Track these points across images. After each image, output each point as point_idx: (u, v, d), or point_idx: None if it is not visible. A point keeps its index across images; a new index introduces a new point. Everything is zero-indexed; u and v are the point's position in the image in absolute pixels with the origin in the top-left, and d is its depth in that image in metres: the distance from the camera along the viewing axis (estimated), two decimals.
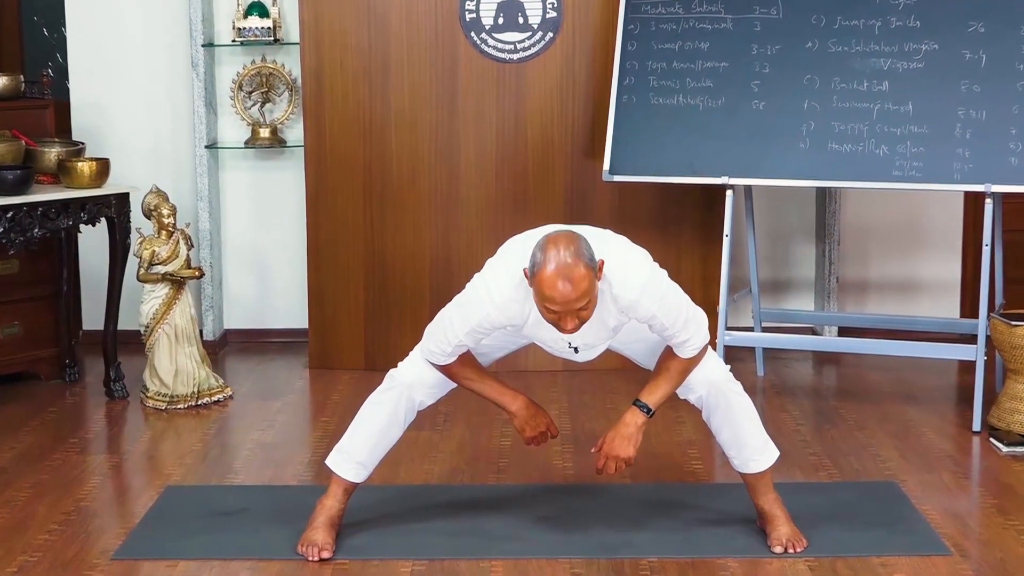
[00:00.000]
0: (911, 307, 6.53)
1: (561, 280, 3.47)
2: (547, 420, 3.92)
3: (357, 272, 6.11)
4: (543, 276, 3.48)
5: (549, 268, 3.48)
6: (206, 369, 5.59)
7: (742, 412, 3.92)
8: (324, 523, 3.93)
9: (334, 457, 3.98)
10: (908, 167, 5.16)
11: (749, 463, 3.95)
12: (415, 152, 6.01)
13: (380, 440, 3.95)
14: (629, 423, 3.79)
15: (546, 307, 3.53)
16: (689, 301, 3.73)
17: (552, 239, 3.53)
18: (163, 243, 5.53)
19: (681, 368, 3.79)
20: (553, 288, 3.47)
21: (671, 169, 5.45)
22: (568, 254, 3.48)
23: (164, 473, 4.69)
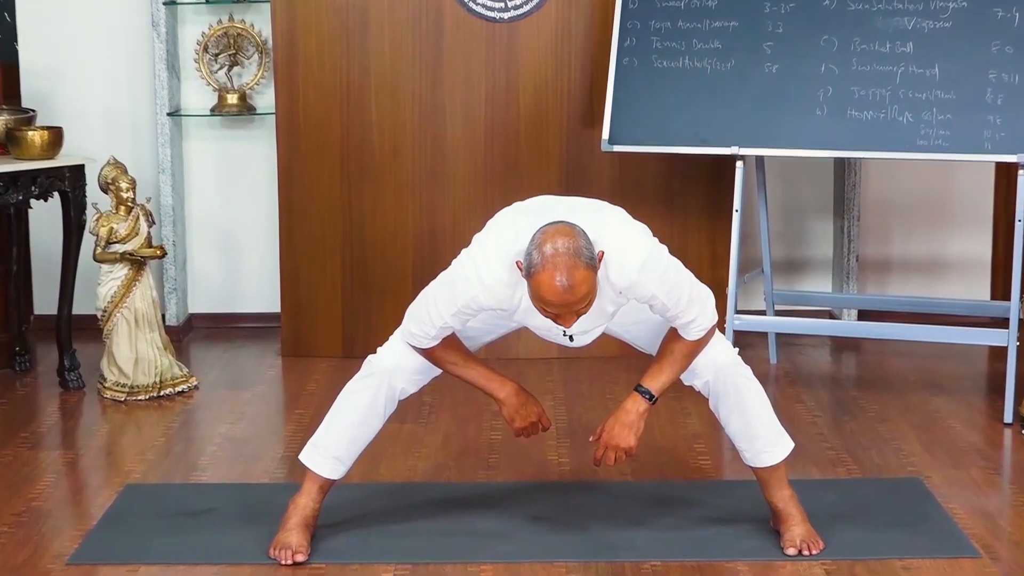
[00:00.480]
0: (937, 288, 6.54)
1: (560, 285, 3.47)
2: (539, 410, 3.93)
3: (334, 251, 6.10)
4: (540, 279, 3.48)
5: (547, 271, 3.47)
6: (169, 357, 5.59)
7: (753, 400, 3.92)
8: (298, 524, 3.93)
9: (308, 452, 3.99)
10: (934, 136, 5.16)
11: (761, 456, 3.95)
12: (397, 120, 6.01)
13: (359, 433, 3.95)
14: (630, 410, 3.80)
15: (543, 309, 3.54)
16: (693, 278, 3.73)
17: (549, 236, 3.50)
18: (121, 219, 5.52)
19: (686, 351, 3.79)
20: (552, 292, 3.47)
21: (676, 138, 5.45)
22: (567, 255, 3.47)
23: (123, 470, 4.69)
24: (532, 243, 3.52)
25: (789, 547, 3.91)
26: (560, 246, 3.47)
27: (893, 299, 6.13)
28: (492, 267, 3.63)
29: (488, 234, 3.72)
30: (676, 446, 4.89)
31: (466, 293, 3.66)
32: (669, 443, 4.90)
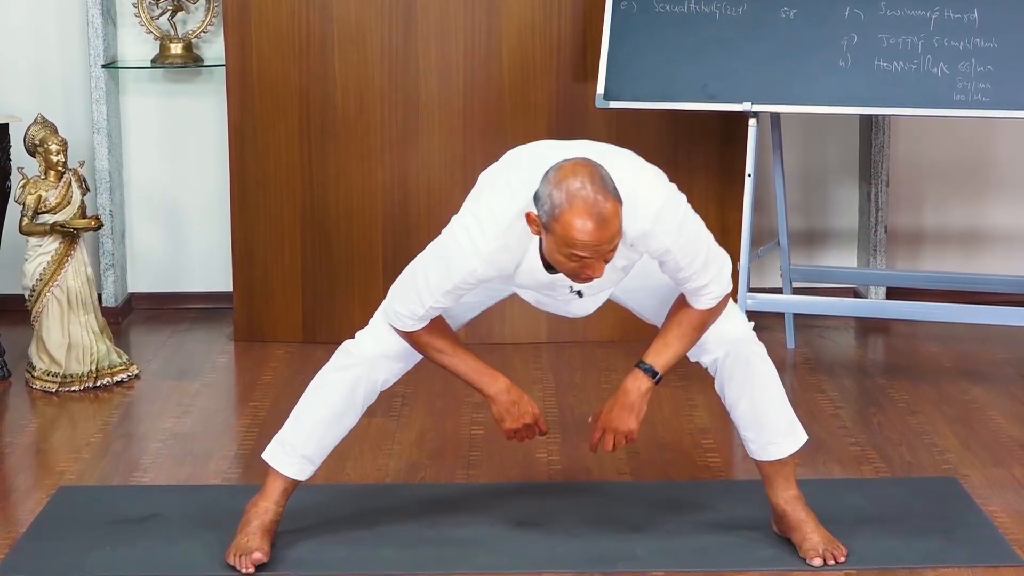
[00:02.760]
0: (976, 263, 6.56)
1: (593, 221, 3.45)
2: (534, 411, 3.90)
3: (293, 224, 6.11)
4: (568, 219, 3.46)
5: (576, 208, 3.45)
6: (106, 342, 5.60)
7: (765, 382, 3.93)
8: (258, 529, 3.94)
9: (274, 450, 3.99)
10: (973, 90, 5.17)
11: (768, 448, 3.96)
12: (363, 75, 6.01)
13: (331, 429, 3.97)
14: (631, 390, 3.80)
15: (570, 255, 3.50)
16: (711, 238, 3.74)
17: (568, 172, 3.50)
18: (51, 186, 5.52)
19: (696, 323, 3.78)
20: (584, 232, 3.45)
21: (680, 93, 5.45)
22: (594, 187, 3.47)
23: (56, 471, 4.70)
24: (547, 185, 3.50)
25: (813, 558, 3.91)
26: (585, 179, 3.47)
27: (926, 275, 6.15)
28: (489, 234, 3.61)
29: (480, 197, 3.69)
30: (681, 442, 4.91)
31: (462, 267, 3.64)
32: (673, 438, 4.92)
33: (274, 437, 4.02)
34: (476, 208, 3.68)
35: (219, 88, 6.33)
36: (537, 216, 3.52)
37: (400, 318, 3.83)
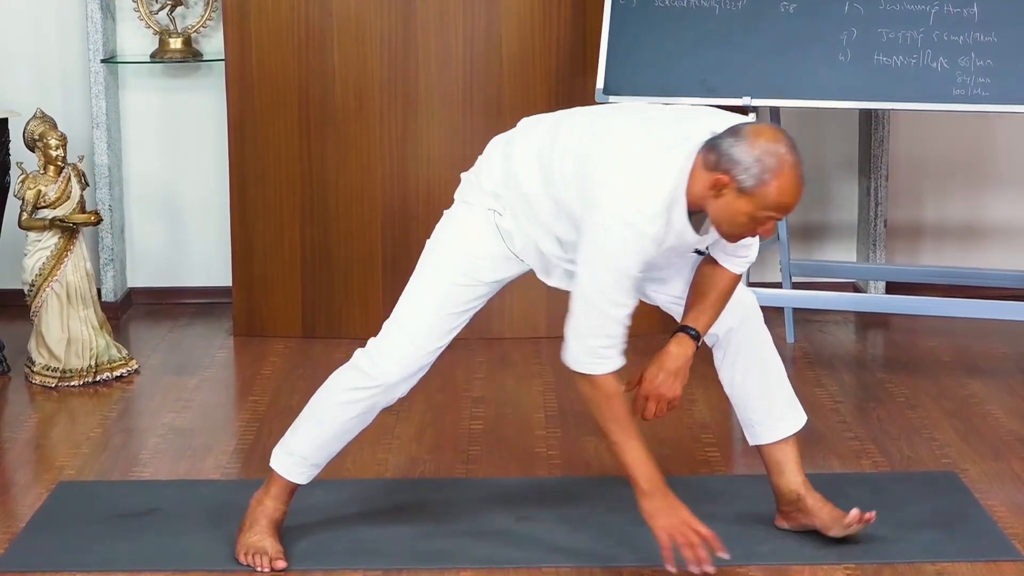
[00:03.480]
0: (975, 257, 6.56)
1: (799, 185, 3.56)
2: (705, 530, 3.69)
3: (292, 218, 6.11)
4: (781, 184, 3.53)
5: (786, 174, 3.54)
6: (106, 337, 5.60)
7: (773, 353, 3.98)
8: (268, 527, 3.94)
9: (282, 459, 3.96)
10: (972, 84, 5.17)
11: (779, 425, 3.99)
12: (363, 69, 6.00)
13: (343, 441, 3.97)
14: (677, 355, 3.78)
15: (767, 217, 3.56)
16: None
17: (767, 135, 3.56)
18: (51, 181, 5.52)
19: (726, 289, 3.82)
20: (792, 195, 3.56)
21: (680, 88, 5.45)
22: (794, 152, 3.57)
23: (55, 466, 4.70)
24: (747, 149, 3.52)
25: (851, 524, 3.94)
26: (783, 143, 3.56)
27: (925, 270, 6.14)
28: (650, 213, 3.57)
29: (621, 185, 3.58)
30: (681, 437, 4.91)
31: (636, 257, 3.58)
32: (673, 433, 4.92)
33: (281, 443, 3.98)
34: (626, 199, 3.58)
35: (218, 83, 6.32)
36: (730, 179, 3.53)
37: (599, 359, 3.67)
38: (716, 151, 3.56)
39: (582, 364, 3.67)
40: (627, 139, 3.68)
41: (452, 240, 3.86)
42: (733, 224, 3.60)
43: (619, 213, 3.57)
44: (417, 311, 3.86)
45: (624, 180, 3.60)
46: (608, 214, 3.59)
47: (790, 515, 4.06)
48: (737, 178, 3.53)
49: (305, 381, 5.54)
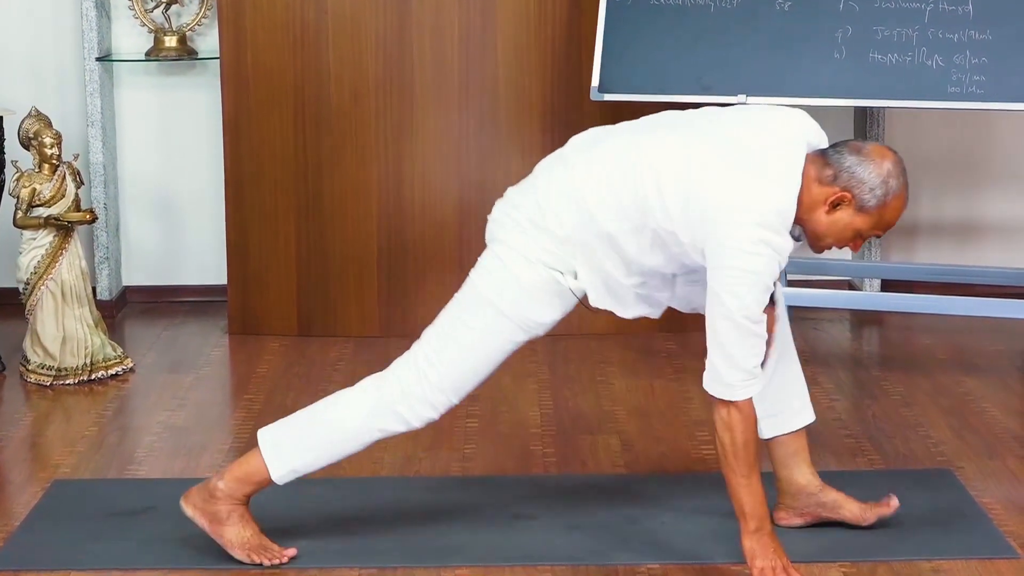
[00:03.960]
0: (971, 255, 6.56)
1: (906, 203, 3.73)
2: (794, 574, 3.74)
3: (287, 216, 6.11)
4: (898, 206, 3.68)
5: (903, 196, 3.69)
6: (101, 336, 5.60)
7: (793, 346, 4.09)
8: (250, 523, 3.93)
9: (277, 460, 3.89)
10: (968, 82, 5.18)
11: (803, 413, 4.05)
12: (358, 67, 6.00)
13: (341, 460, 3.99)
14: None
15: (874, 233, 3.72)
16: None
17: (890, 157, 3.68)
18: (46, 180, 5.52)
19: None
20: (901, 212, 3.72)
21: (675, 85, 5.46)
22: (904, 171, 3.70)
23: (51, 464, 4.70)
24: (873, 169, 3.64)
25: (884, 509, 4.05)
26: (900, 166, 3.70)
27: (921, 267, 6.15)
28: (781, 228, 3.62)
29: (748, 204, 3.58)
30: (676, 435, 4.91)
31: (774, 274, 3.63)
32: (669, 431, 4.93)
33: (280, 451, 3.89)
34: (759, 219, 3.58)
35: (213, 81, 6.32)
36: (852, 197, 3.64)
37: (753, 379, 3.67)
38: (834, 167, 3.66)
39: (740, 391, 3.66)
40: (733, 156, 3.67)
41: (513, 303, 3.78)
42: (840, 238, 3.72)
43: (754, 234, 3.58)
44: (467, 370, 3.83)
45: (749, 199, 3.60)
46: (743, 237, 3.59)
47: (801, 510, 4.07)
48: (860, 197, 3.65)
49: (300, 379, 5.54)
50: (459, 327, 3.81)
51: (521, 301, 3.77)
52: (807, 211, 3.66)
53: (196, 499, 3.93)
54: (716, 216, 3.60)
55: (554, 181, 3.78)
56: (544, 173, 3.83)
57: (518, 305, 3.77)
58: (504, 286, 3.77)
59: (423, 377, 3.82)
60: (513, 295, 3.76)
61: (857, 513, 4.06)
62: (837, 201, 3.65)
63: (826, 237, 3.71)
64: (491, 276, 3.79)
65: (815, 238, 3.73)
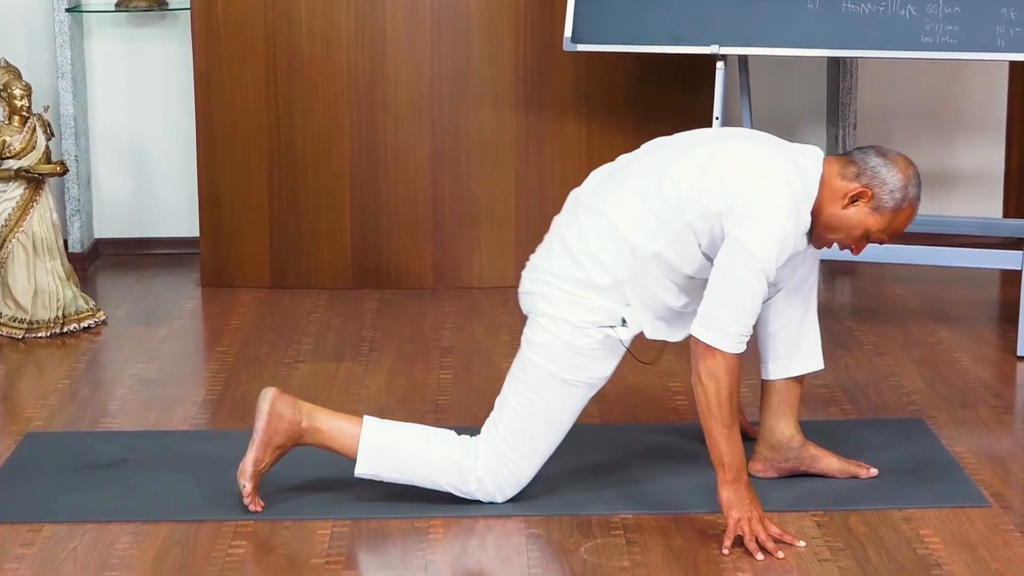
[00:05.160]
0: (943, 205, 6.57)
1: (916, 212, 3.87)
2: (774, 530, 3.72)
3: (259, 167, 6.09)
4: (909, 214, 3.83)
5: (916, 205, 3.84)
6: (73, 288, 5.58)
7: (815, 292, 4.15)
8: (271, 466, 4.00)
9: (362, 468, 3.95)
10: (940, 32, 5.17)
11: (805, 363, 4.09)
12: (330, 17, 5.97)
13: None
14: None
15: (882, 237, 3.83)
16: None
17: (911, 167, 3.85)
18: (15, 132, 5.49)
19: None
20: (910, 221, 3.86)
21: (648, 36, 5.44)
22: (920, 183, 3.87)
23: (23, 417, 4.69)
24: (897, 174, 3.78)
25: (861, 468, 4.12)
26: (918, 175, 3.86)
27: None
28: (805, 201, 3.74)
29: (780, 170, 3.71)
30: (650, 385, 4.91)
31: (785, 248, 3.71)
32: (642, 382, 4.93)
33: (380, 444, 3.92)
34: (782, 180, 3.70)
35: (184, 32, 6.29)
36: (872, 195, 3.76)
37: (745, 337, 3.71)
38: (859, 164, 3.78)
39: (734, 343, 3.70)
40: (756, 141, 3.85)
41: (575, 369, 3.84)
42: (849, 234, 3.81)
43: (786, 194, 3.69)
44: (548, 441, 3.91)
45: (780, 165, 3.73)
46: (777, 193, 3.69)
47: (779, 464, 4.09)
48: (880, 196, 3.76)
49: (273, 331, 5.53)
50: (530, 406, 3.87)
51: (581, 365, 3.84)
52: (825, 202, 3.77)
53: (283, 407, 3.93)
54: (751, 177, 3.71)
55: (585, 231, 3.84)
56: (569, 229, 3.88)
57: (580, 370, 3.85)
58: (563, 356, 3.84)
59: (507, 460, 3.89)
60: (573, 362, 3.84)
61: (835, 467, 4.08)
62: (856, 196, 3.76)
63: (836, 231, 3.80)
64: (547, 350, 3.85)
65: (825, 230, 3.81)
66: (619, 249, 3.79)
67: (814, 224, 3.80)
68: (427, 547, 3.76)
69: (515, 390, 3.89)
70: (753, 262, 3.65)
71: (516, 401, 3.88)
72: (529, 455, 3.89)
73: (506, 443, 3.88)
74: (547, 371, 3.85)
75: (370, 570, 3.67)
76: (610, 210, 3.81)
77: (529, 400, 3.87)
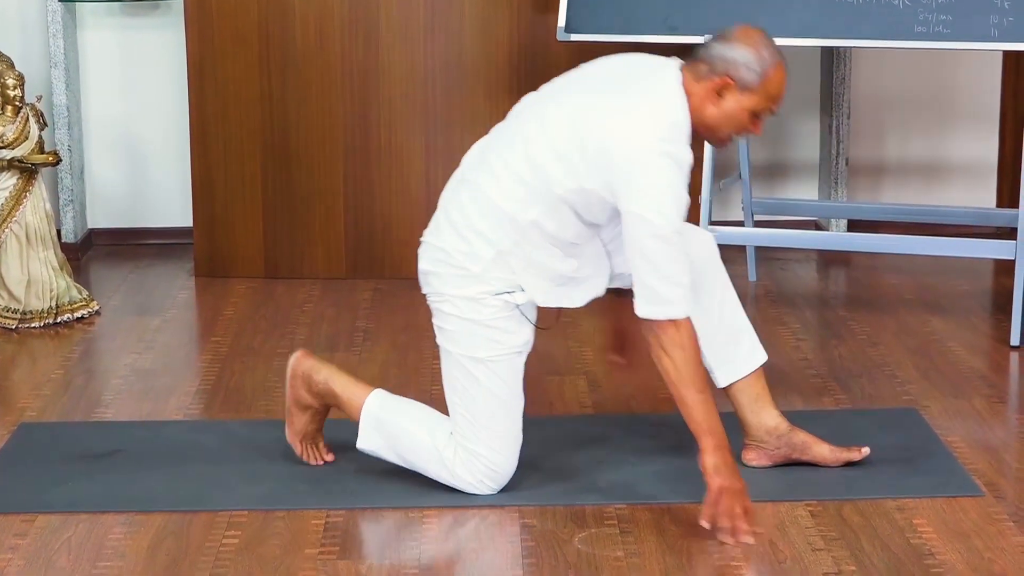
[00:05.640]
0: (936, 195, 6.58)
1: (786, 72, 3.78)
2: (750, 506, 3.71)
3: (253, 157, 6.08)
4: (779, 75, 3.76)
5: (779, 63, 3.76)
6: (66, 278, 5.57)
7: (732, 291, 4.07)
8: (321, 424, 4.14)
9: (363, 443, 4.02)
10: (934, 21, 5.17)
11: (755, 352, 4.06)
12: (324, 7, 5.97)
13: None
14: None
15: (767, 109, 3.76)
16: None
17: (752, 32, 3.76)
18: (9, 121, 5.48)
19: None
20: (785, 84, 3.78)
21: (642, 25, 5.44)
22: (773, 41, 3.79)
23: (17, 408, 4.69)
24: (742, 48, 3.72)
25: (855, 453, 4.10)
26: (767, 35, 3.78)
27: (887, 207, 6.16)
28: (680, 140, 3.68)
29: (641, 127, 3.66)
30: (644, 375, 4.91)
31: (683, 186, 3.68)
32: (635, 371, 4.92)
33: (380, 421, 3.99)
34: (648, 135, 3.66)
35: (177, 22, 6.28)
36: (735, 79, 3.71)
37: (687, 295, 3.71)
38: (707, 59, 3.73)
39: (680, 306, 3.70)
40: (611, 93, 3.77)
41: (491, 344, 3.84)
42: (736, 123, 3.75)
43: (656, 148, 3.64)
44: (503, 420, 3.89)
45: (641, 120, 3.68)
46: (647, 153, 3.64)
47: (771, 451, 4.08)
48: (740, 77, 3.70)
49: (267, 321, 5.53)
50: (468, 396, 3.87)
51: (494, 338, 3.83)
52: (698, 112, 3.74)
53: (305, 368, 4.05)
54: (615, 145, 3.66)
55: (466, 205, 3.84)
56: (451, 205, 3.90)
57: (495, 343, 3.83)
58: (473, 336, 3.83)
59: (474, 453, 3.89)
60: (485, 337, 3.83)
61: (827, 455, 4.08)
62: (720, 88, 3.72)
63: (724, 127, 3.77)
64: (457, 334, 3.86)
65: (714, 131, 3.78)
66: (499, 220, 3.78)
67: (703, 131, 3.78)
68: (421, 537, 3.76)
69: (449, 384, 3.91)
70: (659, 228, 3.64)
71: (454, 394, 3.89)
72: (491, 442, 3.87)
73: (465, 437, 3.88)
74: (466, 356, 3.84)
75: (364, 560, 3.67)
76: (484, 183, 3.81)
77: (464, 389, 3.87)
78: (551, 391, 4.74)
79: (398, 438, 3.96)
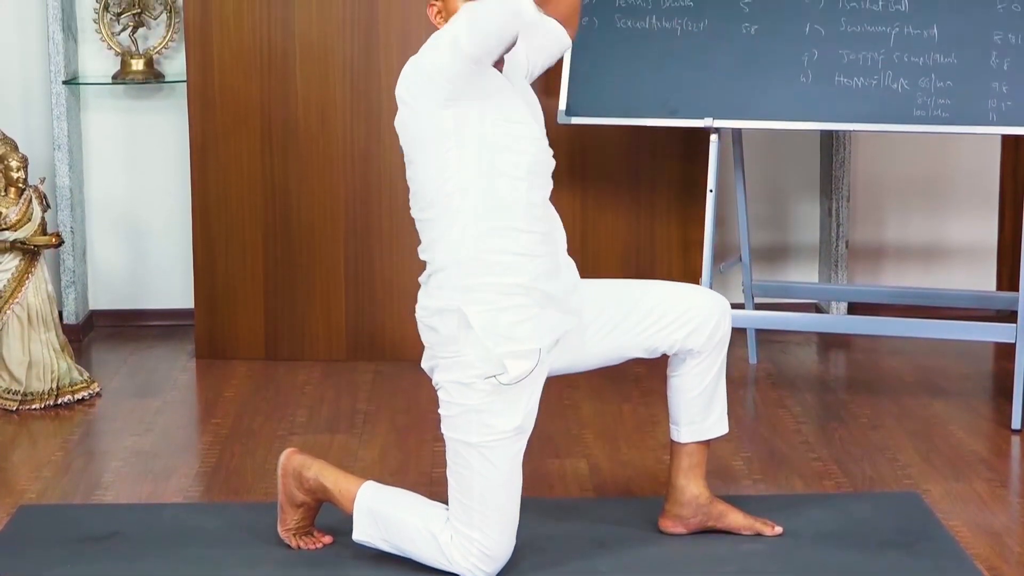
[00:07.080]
0: (936, 278, 6.59)
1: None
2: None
3: (255, 239, 6.10)
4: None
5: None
6: (67, 360, 5.58)
7: (724, 357, 4.12)
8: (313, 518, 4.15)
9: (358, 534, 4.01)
10: (933, 105, 5.20)
11: (720, 423, 4.12)
12: (325, 90, 6.01)
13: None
14: None
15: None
16: None
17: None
18: (11, 203, 5.51)
19: None
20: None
21: (642, 109, 5.47)
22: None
23: (16, 490, 4.68)
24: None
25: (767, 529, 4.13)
26: None
27: (887, 290, 6.17)
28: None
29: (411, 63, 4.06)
30: (643, 458, 4.91)
31: None
32: (636, 455, 4.93)
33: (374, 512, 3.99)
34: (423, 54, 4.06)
35: (180, 104, 6.32)
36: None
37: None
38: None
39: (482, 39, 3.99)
40: None
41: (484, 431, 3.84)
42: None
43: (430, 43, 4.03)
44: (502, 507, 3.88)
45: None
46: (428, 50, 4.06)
47: (688, 520, 4.14)
48: None
49: (268, 403, 5.53)
50: (464, 482, 3.86)
51: (487, 422, 3.84)
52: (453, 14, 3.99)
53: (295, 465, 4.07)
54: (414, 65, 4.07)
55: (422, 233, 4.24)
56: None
57: (487, 428, 3.84)
58: (467, 422, 3.85)
59: (468, 538, 3.87)
60: (478, 422, 3.84)
61: (742, 523, 4.14)
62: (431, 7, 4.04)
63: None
64: (452, 420, 3.88)
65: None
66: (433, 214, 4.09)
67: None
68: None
69: (449, 469, 3.91)
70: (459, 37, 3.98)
71: (452, 479, 3.90)
72: (486, 528, 3.85)
73: (461, 523, 3.87)
74: (462, 443, 3.85)
75: None
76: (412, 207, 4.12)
77: (458, 473, 3.87)
78: (552, 474, 4.74)
79: (393, 527, 3.96)
